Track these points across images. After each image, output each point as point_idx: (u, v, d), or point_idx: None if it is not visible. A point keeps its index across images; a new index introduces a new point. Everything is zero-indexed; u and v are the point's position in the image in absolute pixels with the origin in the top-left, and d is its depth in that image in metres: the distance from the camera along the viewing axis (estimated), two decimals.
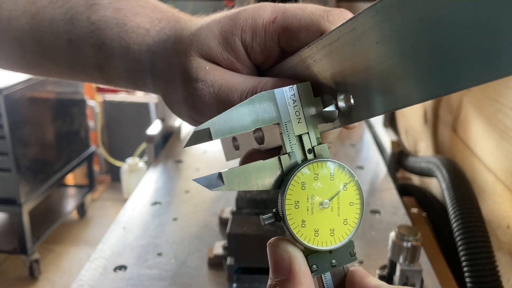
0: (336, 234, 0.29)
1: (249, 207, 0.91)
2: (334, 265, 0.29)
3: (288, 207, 0.28)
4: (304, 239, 0.28)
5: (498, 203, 0.86)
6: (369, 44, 0.24)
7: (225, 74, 0.34)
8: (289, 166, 0.29)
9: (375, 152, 1.40)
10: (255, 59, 0.35)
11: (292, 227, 0.28)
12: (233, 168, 0.29)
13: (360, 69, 0.26)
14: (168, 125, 1.58)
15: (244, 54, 0.34)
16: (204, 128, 0.28)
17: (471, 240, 0.80)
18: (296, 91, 0.30)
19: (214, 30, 0.34)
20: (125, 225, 0.99)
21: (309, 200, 0.28)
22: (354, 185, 0.29)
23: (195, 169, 1.30)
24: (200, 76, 0.34)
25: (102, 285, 0.79)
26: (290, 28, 0.32)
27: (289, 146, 0.29)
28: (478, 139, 0.98)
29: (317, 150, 0.30)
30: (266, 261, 0.29)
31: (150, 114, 2.96)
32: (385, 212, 1.03)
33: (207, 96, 0.34)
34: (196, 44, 0.35)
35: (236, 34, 0.33)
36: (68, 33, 0.39)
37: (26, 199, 2.12)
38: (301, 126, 0.29)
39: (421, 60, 0.21)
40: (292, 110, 0.29)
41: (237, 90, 0.33)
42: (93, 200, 3.04)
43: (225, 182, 0.28)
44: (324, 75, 0.30)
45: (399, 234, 0.72)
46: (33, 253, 2.23)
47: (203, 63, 0.35)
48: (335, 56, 0.28)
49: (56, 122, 2.40)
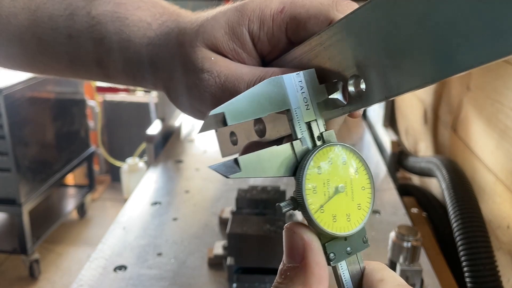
0: (352, 219, 0.28)
1: (249, 207, 0.91)
2: (349, 253, 0.29)
3: (308, 192, 0.28)
4: (324, 225, 0.28)
5: (498, 203, 0.86)
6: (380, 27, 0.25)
7: (231, 65, 0.34)
8: (301, 151, 0.29)
9: (375, 152, 1.40)
10: (262, 50, 0.35)
11: (312, 213, 0.28)
12: (248, 155, 0.28)
13: (373, 52, 0.27)
14: (168, 125, 1.58)
15: (250, 44, 0.34)
16: (218, 112, 0.27)
17: (471, 240, 0.80)
18: (303, 78, 0.30)
19: (221, 21, 0.34)
20: (125, 225, 0.99)
21: (325, 185, 0.28)
22: (365, 169, 0.29)
23: (195, 169, 1.30)
24: (205, 67, 0.34)
25: (102, 285, 0.79)
26: (299, 17, 0.32)
27: (300, 132, 0.29)
28: (478, 139, 0.98)
29: (326, 136, 0.29)
30: (266, 261, 0.29)
31: (150, 114, 2.96)
32: (385, 212, 1.03)
33: (213, 87, 0.34)
34: (202, 35, 0.35)
35: (243, 24, 0.33)
36: (68, 28, 0.38)
37: (26, 199, 2.12)
38: (309, 112, 0.29)
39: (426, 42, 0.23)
40: (300, 96, 0.29)
41: (243, 81, 0.33)
42: (93, 200, 3.04)
43: (242, 168, 0.27)
44: (334, 61, 0.30)
45: (399, 234, 0.72)
46: (33, 253, 2.23)
47: (209, 54, 0.35)
48: (349, 41, 0.28)
49: (56, 122, 2.40)
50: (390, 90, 0.27)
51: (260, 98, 0.29)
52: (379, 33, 0.26)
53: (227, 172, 0.27)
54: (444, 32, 0.22)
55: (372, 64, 0.27)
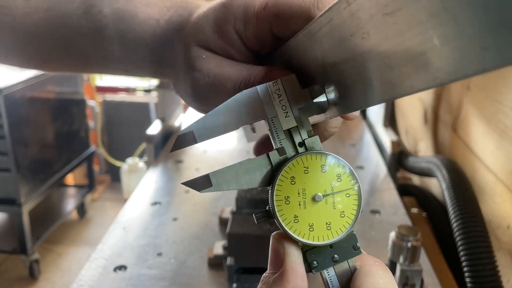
0: (333, 227, 0.28)
1: (249, 207, 0.91)
2: (336, 260, 0.28)
3: (278, 203, 0.28)
4: (298, 235, 0.28)
5: (498, 203, 0.86)
6: (344, 36, 0.24)
7: (221, 63, 0.34)
8: (278, 161, 0.29)
9: (375, 152, 1.40)
10: (251, 46, 0.35)
11: (284, 223, 0.27)
12: (222, 169, 0.28)
13: (341, 60, 0.26)
14: (168, 125, 1.58)
15: (239, 41, 0.34)
16: (187, 131, 0.28)
17: (471, 240, 0.80)
18: (281, 85, 0.29)
19: (210, 19, 0.34)
20: (125, 225, 0.99)
21: (301, 195, 0.28)
22: (349, 175, 0.28)
23: (195, 169, 1.30)
24: (197, 66, 0.35)
25: (102, 285, 0.79)
26: (282, 15, 0.32)
27: (277, 141, 0.29)
28: (478, 139, 0.98)
29: (308, 143, 0.29)
30: (266, 261, 0.29)
31: (150, 114, 2.96)
32: (385, 212, 1.03)
33: (204, 86, 0.35)
34: (194, 34, 0.35)
35: (229, 22, 0.33)
36: (81, 27, 0.39)
37: (26, 199, 2.12)
38: (289, 120, 0.29)
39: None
40: (278, 104, 0.29)
41: (231, 80, 0.33)
42: (93, 200, 3.04)
43: (213, 183, 0.28)
44: (313, 64, 0.29)
45: (399, 234, 0.72)
46: (33, 253, 2.23)
47: (200, 52, 0.35)
48: (318, 46, 0.28)
49: (56, 122, 2.40)
50: (355, 104, 0.26)
51: (234, 111, 0.29)
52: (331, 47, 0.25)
53: (197, 188, 0.28)
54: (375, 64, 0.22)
55: (344, 73, 0.27)
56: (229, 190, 0.29)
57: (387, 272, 0.28)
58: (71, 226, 2.74)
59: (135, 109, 3.12)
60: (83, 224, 2.81)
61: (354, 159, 1.37)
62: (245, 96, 0.29)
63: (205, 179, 0.28)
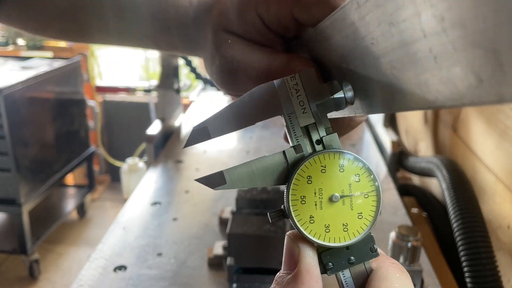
0: (350, 229, 0.27)
1: (249, 207, 0.91)
2: (352, 262, 0.27)
3: (294, 203, 0.27)
4: (313, 236, 0.27)
5: (498, 203, 0.86)
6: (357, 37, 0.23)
7: (245, 49, 0.34)
8: (295, 159, 0.27)
9: (375, 152, 1.40)
10: (275, 30, 0.34)
11: (300, 224, 0.27)
12: (236, 166, 0.27)
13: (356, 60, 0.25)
14: (168, 125, 1.58)
15: (262, 25, 0.34)
16: (201, 127, 0.27)
17: (471, 240, 0.80)
18: (299, 80, 0.28)
19: (234, 3, 0.35)
20: (125, 225, 0.98)
21: (317, 195, 0.27)
22: (368, 175, 0.27)
23: (195, 169, 1.30)
24: (221, 51, 0.35)
25: (102, 285, 0.79)
26: (302, 1, 0.31)
27: (294, 138, 0.28)
28: (478, 139, 0.98)
29: (326, 141, 0.28)
30: (266, 261, 0.29)
31: (150, 114, 2.96)
32: (385, 212, 1.03)
33: (227, 71, 0.35)
34: (220, 17, 0.36)
35: (251, 6, 0.33)
36: (117, 6, 0.42)
37: (26, 199, 2.12)
38: (307, 116, 0.28)
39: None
40: (295, 100, 0.28)
41: (253, 68, 0.33)
42: (93, 200, 3.04)
43: (227, 181, 0.27)
44: (333, 58, 0.28)
45: (399, 234, 0.72)
46: (33, 253, 2.23)
47: (226, 36, 0.35)
48: (336, 40, 0.26)
49: (56, 122, 2.40)
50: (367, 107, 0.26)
51: (250, 107, 0.28)
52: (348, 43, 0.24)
53: (211, 185, 0.27)
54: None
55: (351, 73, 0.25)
56: (243, 188, 0.28)
57: (404, 275, 0.27)
58: (71, 226, 2.74)
59: (135, 109, 3.12)
60: (83, 224, 2.81)
61: None
62: (262, 91, 0.28)
63: (219, 176, 0.27)
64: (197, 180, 0.27)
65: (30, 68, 2.24)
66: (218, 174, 0.27)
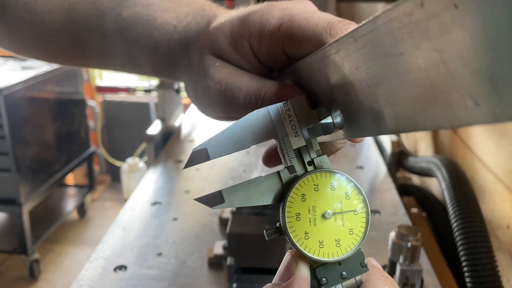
0: (342, 244, 0.29)
1: (249, 207, 0.91)
2: (344, 277, 0.29)
3: (289, 220, 0.28)
4: (309, 251, 0.28)
5: (498, 203, 0.86)
6: (350, 68, 0.25)
7: (234, 73, 0.35)
8: (289, 179, 0.29)
9: (375, 152, 1.40)
10: (264, 61, 0.36)
11: (295, 240, 0.28)
12: (234, 186, 0.29)
13: (347, 88, 0.27)
14: (168, 125, 1.58)
15: (252, 55, 0.35)
16: (201, 148, 0.28)
17: (471, 240, 0.80)
18: (291, 106, 0.30)
19: (226, 31, 0.36)
20: (125, 225, 0.99)
21: (311, 212, 0.28)
22: (357, 194, 0.29)
23: (195, 169, 1.30)
24: (209, 73, 0.36)
25: (102, 285, 0.79)
26: (295, 37, 0.32)
27: (287, 160, 0.30)
28: (478, 139, 0.98)
29: (317, 162, 0.30)
30: (265, 261, 0.29)
31: (150, 114, 2.96)
32: (385, 212, 1.03)
33: (215, 94, 0.35)
34: (209, 43, 0.36)
35: (244, 37, 0.34)
36: (101, 28, 0.40)
37: (26, 199, 2.12)
38: (299, 139, 0.30)
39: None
40: (288, 124, 0.30)
41: (242, 91, 0.34)
42: (93, 200, 3.04)
43: (225, 200, 0.29)
44: (322, 86, 0.30)
45: (399, 234, 0.72)
46: (33, 253, 2.23)
47: (214, 60, 0.36)
48: (327, 71, 0.28)
49: (56, 122, 2.40)
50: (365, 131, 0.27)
51: (247, 130, 0.29)
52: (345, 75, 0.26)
53: (210, 204, 0.29)
54: None
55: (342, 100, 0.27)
56: (241, 206, 0.30)
57: None
58: (71, 226, 2.74)
59: (135, 109, 3.12)
60: (83, 224, 2.81)
61: (354, 159, 1.37)
62: (257, 115, 0.30)
63: (217, 195, 0.29)
64: (196, 199, 0.29)
65: (30, 68, 2.24)
66: (217, 193, 0.29)
